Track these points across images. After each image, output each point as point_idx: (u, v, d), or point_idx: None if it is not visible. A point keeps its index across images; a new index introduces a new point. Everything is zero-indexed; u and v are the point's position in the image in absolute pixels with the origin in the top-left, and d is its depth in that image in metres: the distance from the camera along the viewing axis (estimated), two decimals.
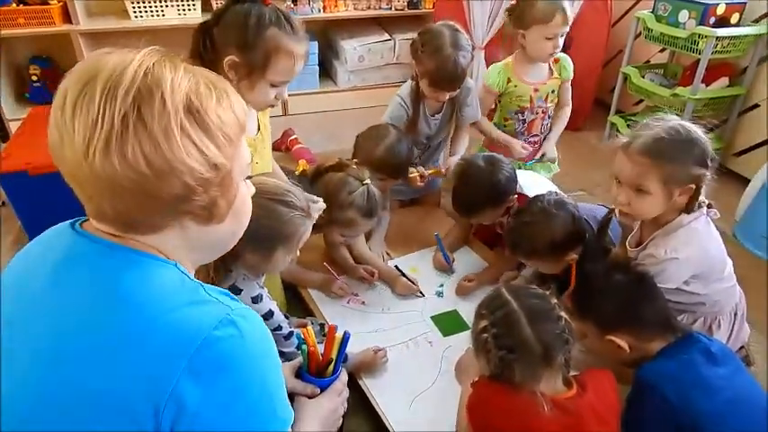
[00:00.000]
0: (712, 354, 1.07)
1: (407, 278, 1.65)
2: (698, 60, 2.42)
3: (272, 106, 1.37)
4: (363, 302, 1.60)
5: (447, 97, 1.81)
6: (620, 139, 1.25)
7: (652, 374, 1.06)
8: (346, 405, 1.06)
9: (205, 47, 1.23)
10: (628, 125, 2.86)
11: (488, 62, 3.07)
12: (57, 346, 0.59)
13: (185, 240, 0.66)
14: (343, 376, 1.07)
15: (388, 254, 1.78)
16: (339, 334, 1.07)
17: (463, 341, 1.44)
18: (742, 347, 1.50)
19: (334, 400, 1.02)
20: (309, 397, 1.00)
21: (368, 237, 1.81)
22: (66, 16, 2.84)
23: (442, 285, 1.68)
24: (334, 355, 1.06)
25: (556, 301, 1.04)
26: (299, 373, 1.04)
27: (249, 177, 0.74)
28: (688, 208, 1.24)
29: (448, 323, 1.54)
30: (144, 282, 0.61)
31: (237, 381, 0.60)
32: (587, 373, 1.08)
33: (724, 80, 2.53)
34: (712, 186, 1.25)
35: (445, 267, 1.74)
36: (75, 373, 0.57)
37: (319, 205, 1.27)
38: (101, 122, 0.55)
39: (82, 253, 0.63)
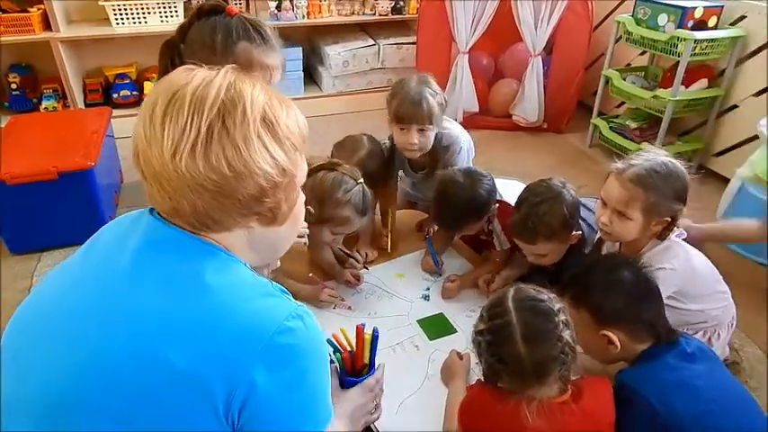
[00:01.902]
0: (689, 354, 1.08)
1: (352, 257, 1.70)
2: (677, 63, 2.46)
3: None
4: (350, 307, 1.59)
5: (415, 139, 1.66)
6: (614, 165, 1.33)
7: (633, 380, 1.06)
8: (378, 401, 1.10)
9: (174, 65, 1.18)
10: (610, 127, 2.89)
11: (472, 68, 3.09)
12: (141, 324, 0.62)
13: (249, 240, 0.73)
14: (378, 373, 1.11)
15: (366, 265, 1.75)
16: (368, 332, 1.11)
17: (449, 344, 1.44)
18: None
19: (365, 395, 1.06)
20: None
21: (355, 241, 1.81)
22: (46, 24, 2.81)
23: (428, 289, 1.68)
24: (367, 359, 1.10)
25: (564, 318, 1.00)
26: (341, 380, 1.07)
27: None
28: (661, 236, 1.32)
29: (434, 327, 1.53)
30: (224, 271, 0.67)
31: (301, 368, 0.66)
32: (585, 380, 1.07)
33: (703, 82, 2.57)
34: (694, 187, 1.31)
35: (434, 270, 1.74)
36: (160, 351, 0.60)
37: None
38: (189, 129, 0.62)
39: (165, 239, 0.68)
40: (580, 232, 1.48)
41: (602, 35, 3.06)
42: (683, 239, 1.37)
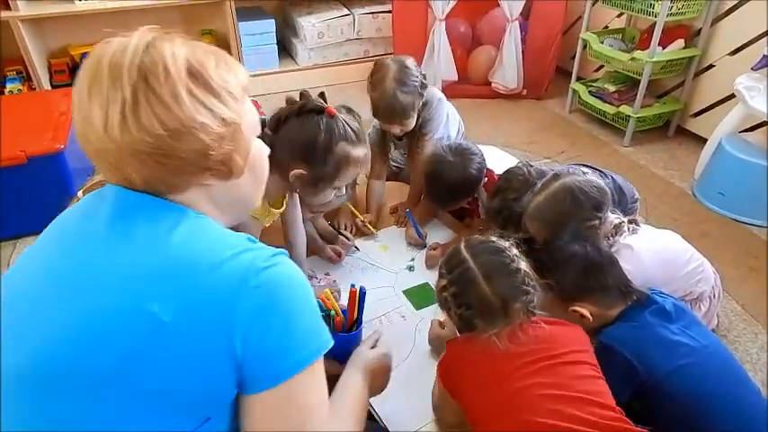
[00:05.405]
0: (666, 311, 1.10)
1: (343, 235, 1.72)
2: (654, 23, 2.45)
3: None
4: (335, 281, 1.59)
5: (398, 130, 1.76)
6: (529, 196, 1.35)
7: (612, 339, 1.08)
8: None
9: None
10: (589, 91, 2.88)
11: (450, 35, 3.04)
12: (122, 282, 0.61)
13: (210, 198, 0.72)
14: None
15: (352, 239, 1.75)
16: (354, 289, 1.19)
17: (436, 313, 1.45)
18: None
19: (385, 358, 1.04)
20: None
21: (337, 211, 1.80)
22: (5, 2, 2.68)
23: (412, 260, 1.69)
24: (355, 315, 1.21)
25: (516, 252, 1.04)
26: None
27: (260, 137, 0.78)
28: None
29: (420, 296, 1.54)
30: (196, 226, 0.67)
31: (288, 303, 0.66)
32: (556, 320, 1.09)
33: (680, 42, 2.56)
34: (671, 150, 1.28)
35: (418, 242, 1.74)
36: (144, 305, 0.59)
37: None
38: (113, 98, 0.62)
39: (134, 202, 0.67)
40: None
41: None
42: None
